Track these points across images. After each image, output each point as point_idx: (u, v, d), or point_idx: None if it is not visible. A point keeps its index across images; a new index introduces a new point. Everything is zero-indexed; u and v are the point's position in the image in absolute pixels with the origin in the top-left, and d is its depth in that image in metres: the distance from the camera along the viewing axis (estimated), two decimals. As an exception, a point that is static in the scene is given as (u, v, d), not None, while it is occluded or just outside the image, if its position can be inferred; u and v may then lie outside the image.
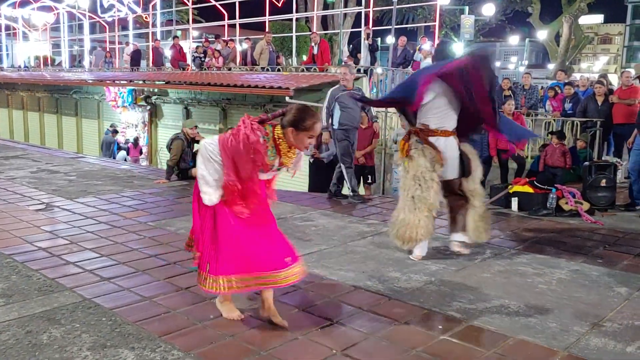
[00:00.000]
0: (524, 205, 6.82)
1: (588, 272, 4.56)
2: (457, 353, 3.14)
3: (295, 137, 3.20)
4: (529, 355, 3.13)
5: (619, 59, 59.17)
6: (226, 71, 16.47)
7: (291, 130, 3.19)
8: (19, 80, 23.35)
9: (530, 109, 11.72)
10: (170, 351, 3.09)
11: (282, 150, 3.25)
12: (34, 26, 30.33)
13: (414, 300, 3.89)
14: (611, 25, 62.54)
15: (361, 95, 7.49)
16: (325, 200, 7.36)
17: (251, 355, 3.06)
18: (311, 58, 15.13)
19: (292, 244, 3.50)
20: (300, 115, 3.19)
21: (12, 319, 3.48)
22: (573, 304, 3.87)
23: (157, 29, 22.79)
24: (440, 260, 4.83)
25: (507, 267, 4.65)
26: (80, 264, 4.54)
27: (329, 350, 3.14)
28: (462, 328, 3.46)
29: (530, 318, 3.62)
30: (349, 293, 4.03)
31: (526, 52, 47.50)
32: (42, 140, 22.30)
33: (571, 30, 29.60)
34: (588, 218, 6.37)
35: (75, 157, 11.57)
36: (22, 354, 3.04)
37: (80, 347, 3.12)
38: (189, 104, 16.06)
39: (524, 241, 5.49)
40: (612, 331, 3.45)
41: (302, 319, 3.56)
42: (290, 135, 3.20)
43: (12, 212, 6.27)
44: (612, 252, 5.16)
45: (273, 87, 12.22)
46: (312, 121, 3.19)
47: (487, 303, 3.86)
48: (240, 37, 18.90)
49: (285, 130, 3.21)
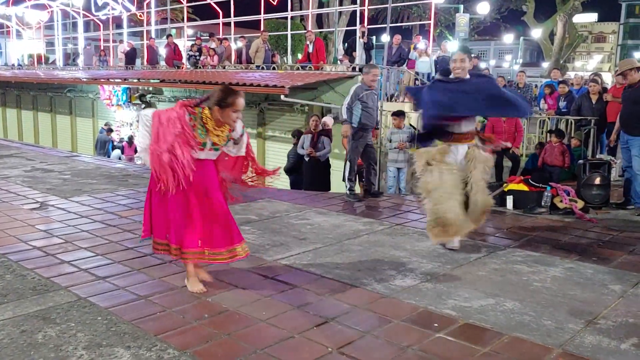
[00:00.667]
0: (518, 203, 6.84)
1: (582, 270, 4.58)
2: (452, 351, 3.15)
3: (221, 114, 3.64)
4: (524, 352, 3.14)
5: (613, 58, 59.35)
6: (221, 69, 16.43)
7: (217, 109, 3.63)
8: (13, 78, 23.26)
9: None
10: (166, 350, 3.09)
11: (210, 129, 3.65)
12: (28, 24, 30.18)
13: (410, 299, 3.90)
14: (605, 23, 62.77)
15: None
16: (320, 199, 7.36)
17: (247, 354, 3.06)
18: (306, 56, 15.12)
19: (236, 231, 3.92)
20: (223, 95, 3.63)
21: (7, 318, 3.47)
22: (568, 302, 3.89)
23: (152, 27, 22.71)
24: (436, 258, 4.84)
25: (502, 265, 4.67)
26: (75, 263, 4.53)
27: (324, 348, 3.14)
28: (457, 326, 3.47)
29: (525, 316, 3.63)
30: (345, 291, 4.03)
31: (520, 50, 47.63)
32: (36, 139, 22.23)
33: (565, 28, 29.67)
34: (582, 216, 6.39)
35: (69, 155, 11.54)
36: (17, 353, 3.03)
37: (75, 346, 3.12)
38: (184, 103, 16.00)
39: (519, 239, 5.51)
40: (606, 328, 3.46)
41: (298, 317, 3.56)
42: (217, 114, 3.64)
43: (6, 211, 6.25)
44: (606, 250, 5.18)
45: (268, 86, 12.20)
46: (234, 98, 3.63)
47: (482, 301, 3.87)
48: (235, 35, 18.86)
49: (212, 111, 3.65)
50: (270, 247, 5.09)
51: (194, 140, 3.61)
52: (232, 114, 3.66)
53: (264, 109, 13.95)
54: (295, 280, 4.23)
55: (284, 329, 3.38)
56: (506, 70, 48.61)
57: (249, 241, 5.24)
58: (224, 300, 3.81)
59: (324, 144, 9.35)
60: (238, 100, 3.66)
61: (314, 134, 9.39)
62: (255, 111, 14.18)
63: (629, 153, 6.93)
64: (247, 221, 6.02)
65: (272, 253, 4.92)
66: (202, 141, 3.65)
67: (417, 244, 5.25)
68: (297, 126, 13.17)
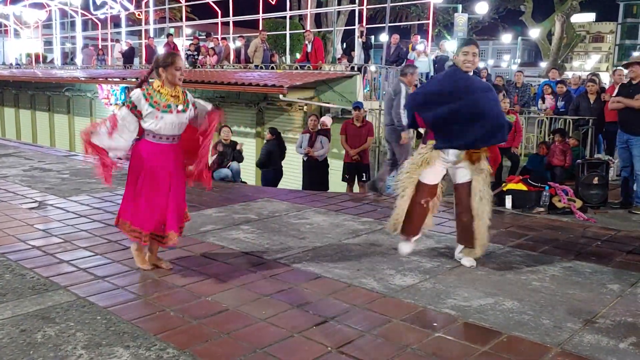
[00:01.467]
0: (517, 203, 6.85)
1: (581, 269, 4.59)
2: (452, 350, 3.15)
3: (167, 75, 4.05)
4: (522, 351, 3.14)
5: (611, 57, 59.49)
6: (220, 69, 16.43)
7: (162, 70, 4.05)
8: (11, 77, 23.22)
9: (523, 107, 11.77)
10: (166, 349, 3.09)
11: (166, 94, 4.05)
12: (26, 23, 30.15)
13: (409, 298, 3.90)
14: (603, 23, 62.88)
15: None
16: (319, 198, 7.37)
17: (246, 353, 3.07)
18: (305, 56, 15.12)
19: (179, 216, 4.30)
20: (163, 57, 4.10)
21: (6, 317, 3.47)
22: (566, 301, 3.90)
23: (150, 26, 22.70)
24: (435, 257, 4.85)
25: (501, 265, 4.67)
26: (74, 263, 4.53)
27: (324, 347, 3.15)
28: (456, 325, 3.48)
29: (524, 315, 3.64)
30: (344, 291, 4.04)
31: (518, 50, 47.60)
32: (34, 138, 22.20)
33: (563, 28, 29.72)
34: (581, 215, 6.40)
35: (67, 155, 11.53)
36: (16, 352, 3.03)
37: (74, 345, 3.12)
38: (183, 102, 15.99)
39: (518, 238, 5.52)
40: (605, 327, 3.47)
41: (297, 317, 3.57)
42: (163, 76, 4.05)
43: (5, 211, 6.24)
44: (604, 249, 5.19)
45: (267, 85, 12.21)
46: (170, 58, 4.07)
47: (481, 300, 3.88)
48: (233, 35, 18.85)
49: (160, 77, 4.06)
50: (270, 247, 5.10)
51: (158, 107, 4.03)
52: (175, 72, 4.04)
53: (263, 108, 13.94)
54: (294, 279, 4.24)
55: (284, 328, 3.38)
56: (504, 70, 48.66)
57: (248, 240, 5.26)
58: (224, 299, 3.82)
59: (322, 144, 9.36)
60: (175, 59, 4.07)
61: (312, 134, 9.39)
62: (254, 111, 14.18)
63: (627, 153, 6.93)
64: (246, 220, 6.03)
65: (271, 252, 4.92)
66: (166, 104, 4.03)
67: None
68: (296, 126, 13.18)
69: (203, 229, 5.64)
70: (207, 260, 4.68)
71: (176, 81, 4.06)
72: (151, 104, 4.00)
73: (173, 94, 4.08)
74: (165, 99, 4.03)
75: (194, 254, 4.83)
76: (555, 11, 29.83)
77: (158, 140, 4.10)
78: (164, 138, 4.10)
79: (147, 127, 4.06)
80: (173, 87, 4.09)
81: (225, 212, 6.42)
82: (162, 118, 4.02)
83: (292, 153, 10.48)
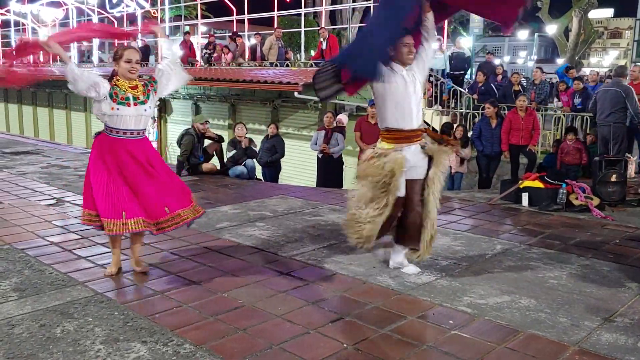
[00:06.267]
0: (534, 201, 6.80)
1: (599, 267, 4.55)
2: (468, 348, 3.14)
3: (120, 69, 4.03)
4: (540, 350, 3.13)
5: (629, 54, 58.65)
6: (235, 67, 16.47)
7: (115, 65, 4.05)
8: (29, 75, 23.40)
9: (540, 104, 11.67)
10: (182, 345, 3.11)
11: (124, 87, 4.01)
12: (43, 22, 30.40)
13: (425, 296, 3.90)
14: (621, 19, 62.11)
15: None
16: (334, 196, 7.37)
17: (262, 349, 3.08)
18: (320, 53, 15.09)
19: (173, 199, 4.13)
20: (115, 51, 4.13)
21: (26, 312, 3.51)
22: (584, 299, 3.86)
23: (166, 24, 22.78)
24: (451, 255, 4.83)
25: (518, 262, 4.65)
26: (91, 259, 4.58)
27: (339, 344, 3.15)
28: (473, 323, 3.46)
29: (541, 313, 3.62)
30: (359, 288, 4.04)
31: (535, 46, 47.24)
32: (51, 136, 22.41)
33: (581, 24, 29.37)
34: (598, 213, 6.34)
35: (85, 152, 11.62)
36: (36, 347, 3.07)
37: (93, 340, 3.15)
38: (198, 100, 16.08)
39: (535, 236, 5.48)
40: (623, 326, 3.44)
41: (313, 313, 3.58)
42: (119, 70, 4.03)
43: (24, 207, 6.32)
44: (622, 247, 5.14)
45: (282, 83, 12.21)
46: (120, 51, 4.04)
47: (497, 298, 3.86)
48: (248, 33, 18.89)
49: (117, 72, 4.04)
50: (285, 244, 5.11)
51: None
52: (124, 64, 4.00)
53: (278, 105, 13.96)
54: (310, 276, 4.25)
55: (299, 325, 3.39)
56: (520, 66, 48.28)
57: (263, 237, 5.28)
58: (240, 295, 3.83)
59: (338, 141, 9.36)
60: (127, 51, 4.03)
61: (327, 131, 9.39)
62: (269, 108, 14.20)
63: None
64: (261, 217, 6.04)
65: (286, 249, 4.93)
66: (124, 96, 3.99)
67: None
68: (311, 123, 13.18)
69: (219, 226, 5.66)
70: (222, 256, 4.71)
71: (127, 74, 4.02)
72: (111, 94, 3.97)
73: (131, 86, 4.04)
74: (123, 92, 4.00)
75: (209, 251, 4.85)
76: (573, 7, 29.49)
77: (116, 134, 4.03)
78: (120, 132, 4.02)
79: (106, 120, 4.04)
80: (129, 79, 4.05)
81: (241, 209, 6.44)
82: (118, 110, 3.97)
83: (308, 150, 10.48)
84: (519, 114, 8.72)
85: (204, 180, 8.29)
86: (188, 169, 8.65)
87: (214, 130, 10.19)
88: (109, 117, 4.01)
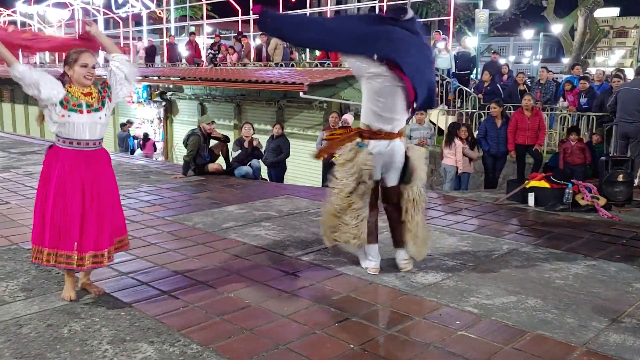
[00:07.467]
0: (540, 201, 6.78)
1: (606, 268, 4.53)
2: (474, 348, 3.13)
3: (73, 74, 3.64)
4: (547, 350, 3.12)
5: (635, 53, 58.45)
6: (240, 67, 16.50)
7: (67, 69, 3.65)
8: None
9: (546, 103, 11.65)
10: (189, 345, 3.12)
11: (76, 93, 3.62)
12: (49, 23, 30.52)
13: (431, 296, 3.89)
14: (627, 18, 61.81)
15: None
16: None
17: (269, 349, 3.08)
18: (325, 53, 15.10)
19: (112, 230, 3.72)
20: (68, 54, 3.69)
21: (34, 312, 3.53)
22: (591, 300, 3.85)
23: (172, 24, 22.85)
24: (457, 255, 4.83)
25: (524, 263, 4.64)
26: (98, 259, 4.58)
27: (346, 344, 3.15)
28: (479, 323, 3.46)
29: (548, 313, 3.61)
30: (365, 288, 4.04)
31: (540, 46, 47.08)
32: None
33: (586, 23, 29.27)
34: (605, 213, 6.32)
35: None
36: (43, 347, 3.08)
37: (100, 340, 3.16)
38: (204, 100, 16.12)
39: (541, 236, 5.47)
40: (631, 327, 3.43)
41: (319, 314, 3.58)
42: (72, 76, 3.65)
43: (31, 208, 6.31)
44: (629, 248, 5.12)
45: (287, 83, 12.22)
46: (75, 54, 3.64)
47: (504, 298, 3.85)
48: (254, 33, 18.91)
49: (69, 77, 3.65)
50: (291, 244, 5.11)
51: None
52: (80, 69, 3.62)
53: (283, 106, 13.98)
54: (316, 276, 4.25)
55: (305, 325, 3.39)
56: (526, 66, 48.14)
57: (269, 237, 5.28)
58: (246, 296, 3.84)
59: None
60: (82, 55, 3.65)
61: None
62: (274, 108, 14.22)
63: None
64: (267, 217, 6.05)
65: (292, 249, 4.93)
66: (76, 103, 3.61)
67: (438, 241, 5.23)
68: (316, 123, 13.19)
69: (225, 226, 5.67)
70: (229, 256, 4.71)
71: (82, 80, 3.64)
72: (61, 101, 3.58)
73: (85, 92, 3.66)
74: (76, 98, 3.61)
75: (215, 251, 4.86)
76: (578, 6, 29.40)
77: (69, 145, 3.62)
78: (74, 143, 3.62)
79: (56, 129, 3.66)
80: (83, 86, 3.67)
81: (246, 209, 6.45)
82: (70, 117, 3.58)
83: (313, 150, 10.46)
84: (525, 114, 8.70)
85: (210, 180, 8.31)
86: (194, 169, 8.66)
87: (220, 130, 10.19)
88: (61, 126, 3.61)
